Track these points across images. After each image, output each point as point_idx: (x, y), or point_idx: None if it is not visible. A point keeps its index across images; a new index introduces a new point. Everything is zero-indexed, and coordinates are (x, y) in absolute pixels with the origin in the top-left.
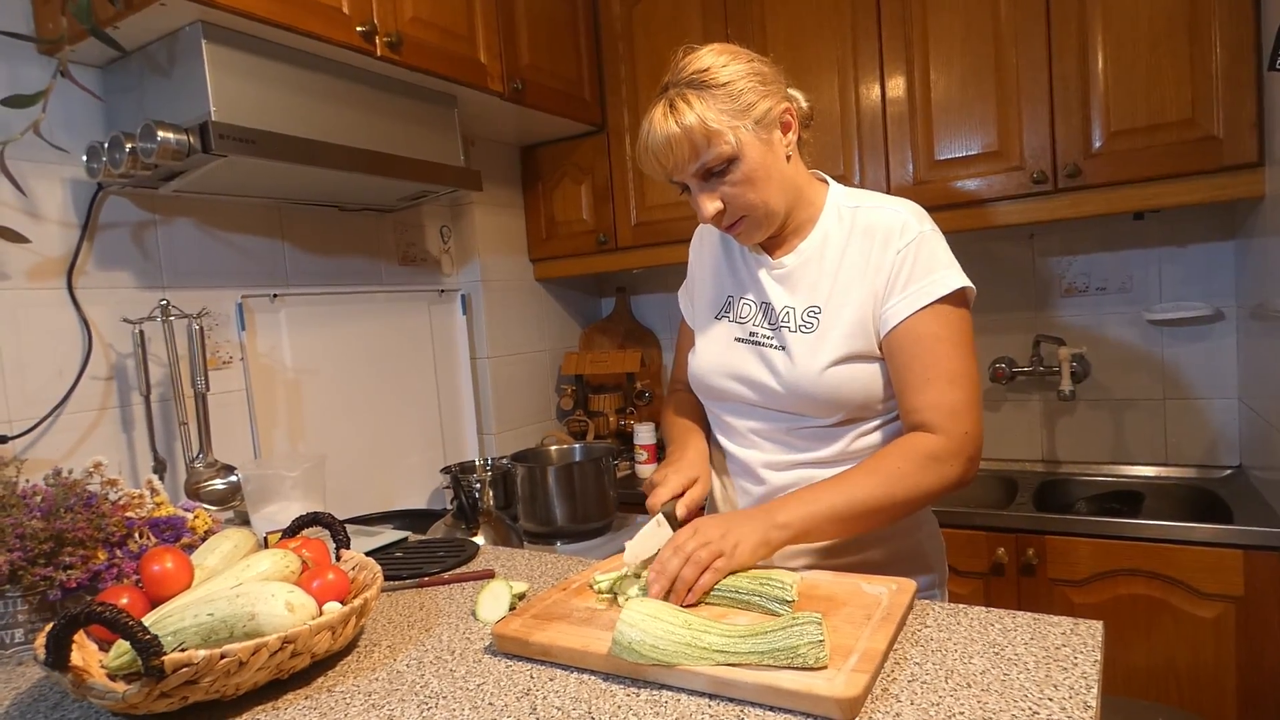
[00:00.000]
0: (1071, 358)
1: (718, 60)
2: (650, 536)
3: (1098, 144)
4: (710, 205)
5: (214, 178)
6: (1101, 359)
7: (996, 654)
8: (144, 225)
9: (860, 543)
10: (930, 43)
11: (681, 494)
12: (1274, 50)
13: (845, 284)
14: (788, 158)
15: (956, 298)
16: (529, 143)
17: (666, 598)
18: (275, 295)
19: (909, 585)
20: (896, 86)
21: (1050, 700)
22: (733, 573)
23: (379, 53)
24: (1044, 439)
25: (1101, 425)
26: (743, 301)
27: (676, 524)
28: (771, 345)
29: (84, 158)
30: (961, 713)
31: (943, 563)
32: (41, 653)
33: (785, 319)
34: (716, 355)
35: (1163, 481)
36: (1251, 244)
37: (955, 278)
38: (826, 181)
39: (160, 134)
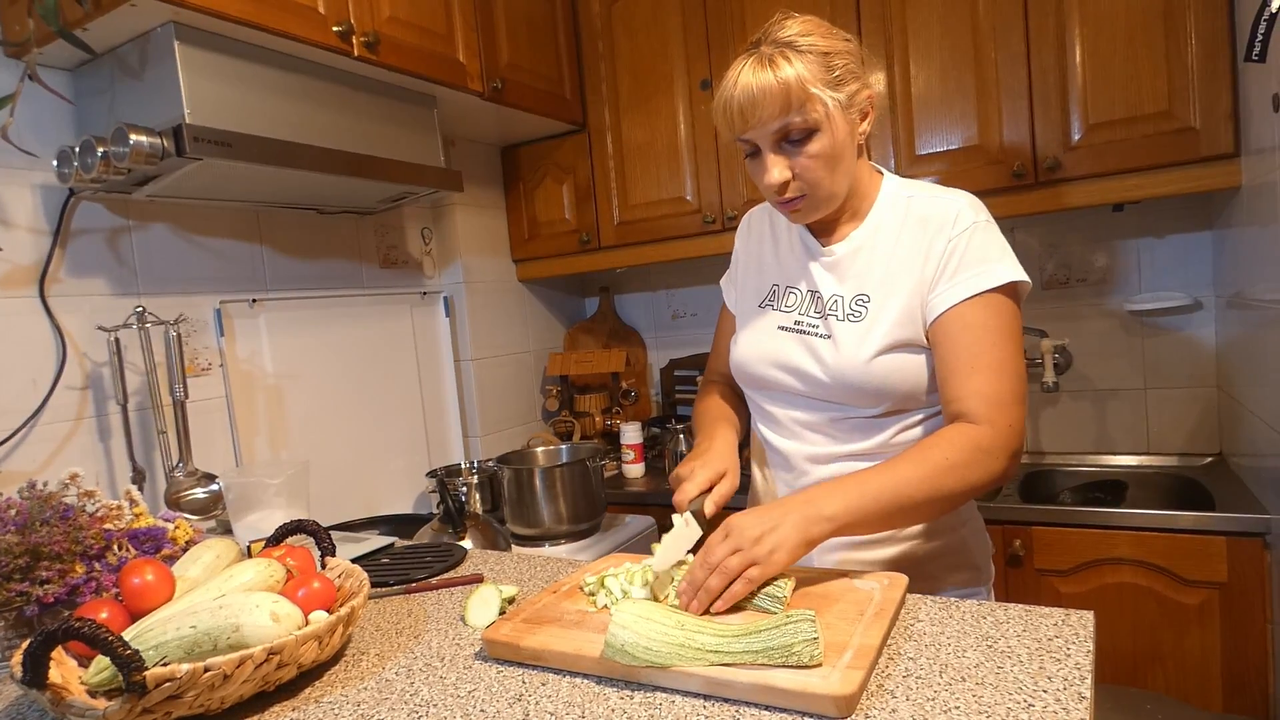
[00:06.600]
0: (1054, 349)
1: (817, 30)
2: (679, 537)
3: (1077, 137)
4: (780, 172)
5: (189, 181)
6: (1083, 350)
7: (990, 647)
8: (118, 231)
9: (895, 537)
10: (909, 37)
11: (709, 490)
12: (1249, 42)
13: (896, 272)
14: (859, 147)
15: (1008, 290)
16: (510, 142)
17: (708, 610)
18: (254, 300)
19: (900, 580)
20: (876, 82)
21: (1045, 692)
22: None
23: (356, 53)
24: (1028, 430)
25: (1084, 416)
26: (789, 290)
27: (705, 522)
28: (817, 334)
29: (54, 163)
30: (957, 707)
31: (989, 561)
32: (18, 671)
33: (833, 307)
34: (759, 343)
35: (1145, 470)
36: (1229, 234)
37: (1008, 270)
38: (882, 172)
39: (133, 137)
